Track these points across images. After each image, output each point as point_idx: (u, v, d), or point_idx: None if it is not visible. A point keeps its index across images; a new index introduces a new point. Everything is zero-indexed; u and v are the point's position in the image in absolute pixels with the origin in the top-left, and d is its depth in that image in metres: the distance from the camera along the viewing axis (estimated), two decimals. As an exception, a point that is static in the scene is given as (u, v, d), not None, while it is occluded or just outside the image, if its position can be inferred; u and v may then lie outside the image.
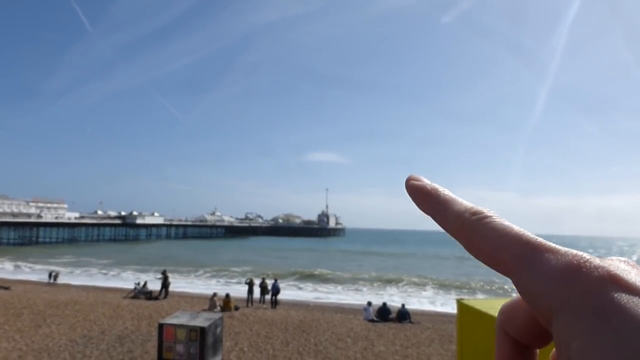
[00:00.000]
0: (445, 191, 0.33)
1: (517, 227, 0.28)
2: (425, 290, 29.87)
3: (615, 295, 0.23)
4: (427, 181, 0.34)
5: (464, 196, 0.32)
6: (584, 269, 0.25)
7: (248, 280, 22.68)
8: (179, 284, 29.28)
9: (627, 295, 0.23)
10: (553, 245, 0.27)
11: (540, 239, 0.27)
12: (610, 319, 0.22)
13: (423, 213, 0.33)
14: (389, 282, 33.41)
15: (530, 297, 0.26)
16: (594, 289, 0.24)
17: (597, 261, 0.25)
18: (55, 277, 28.35)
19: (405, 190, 0.33)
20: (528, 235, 0.28)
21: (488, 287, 32.48)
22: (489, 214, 0.30)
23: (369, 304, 18.95)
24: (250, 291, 21.76)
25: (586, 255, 0.26)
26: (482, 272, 46.11)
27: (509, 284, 34.51)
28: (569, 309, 0.24)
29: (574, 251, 0.26)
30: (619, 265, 0.25)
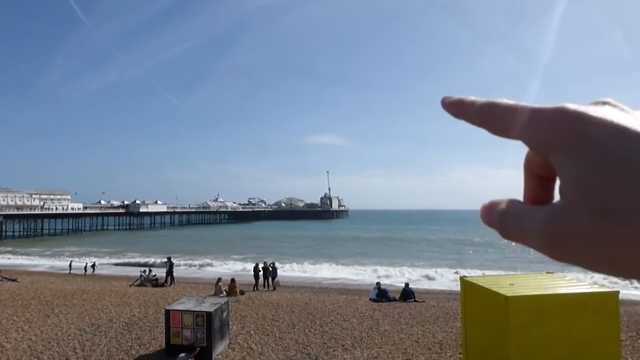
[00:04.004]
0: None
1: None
2: (428, 269, 30.02)
3: (582, 129, 0.28)
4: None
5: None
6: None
7: (254, 265, 22.90)
8: (184, 270, 29.53)
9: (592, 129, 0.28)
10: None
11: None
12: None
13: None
14: (392, 262, 33.58)
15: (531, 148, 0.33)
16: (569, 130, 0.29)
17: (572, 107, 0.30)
18: (93, 267, 28.34)
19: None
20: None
21: (489, 265, 32.62)
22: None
23: (378, 284, 19.04)
24: (256, 276, 22.00)
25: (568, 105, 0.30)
26: (481, 251, 46.38)
27: (507, 263, 34.63)
28: (553, 150, 0.30)
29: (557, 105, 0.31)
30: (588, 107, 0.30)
